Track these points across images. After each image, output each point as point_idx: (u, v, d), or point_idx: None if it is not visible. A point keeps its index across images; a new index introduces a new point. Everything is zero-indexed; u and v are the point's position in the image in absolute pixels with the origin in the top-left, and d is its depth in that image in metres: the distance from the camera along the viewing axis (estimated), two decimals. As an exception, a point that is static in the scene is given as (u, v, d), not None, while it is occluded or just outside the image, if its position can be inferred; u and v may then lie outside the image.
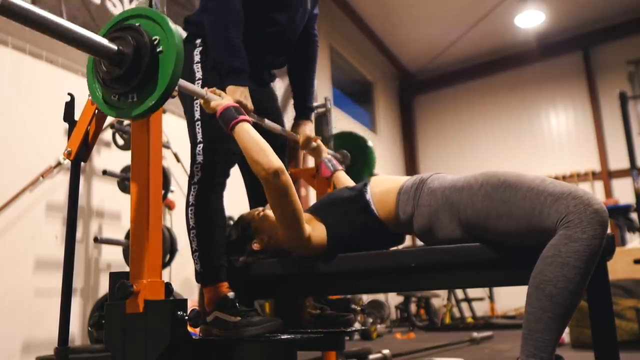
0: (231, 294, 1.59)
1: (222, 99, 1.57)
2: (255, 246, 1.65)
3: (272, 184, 1.45)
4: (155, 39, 1.20)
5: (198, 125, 1.72)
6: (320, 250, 1.56)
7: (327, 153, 2.23)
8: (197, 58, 1.79)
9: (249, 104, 1.72)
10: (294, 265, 1.61)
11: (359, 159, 2.82)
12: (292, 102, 2.25)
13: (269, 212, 1.66)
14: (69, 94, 1.67)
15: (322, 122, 2.84)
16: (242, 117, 1.53)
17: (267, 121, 1.92)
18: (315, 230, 1.57)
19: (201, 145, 1.70)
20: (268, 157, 1.46)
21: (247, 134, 1.50)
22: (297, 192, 1.49)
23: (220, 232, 1.70)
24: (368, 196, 1.60)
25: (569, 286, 1.19)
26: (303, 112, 2.18)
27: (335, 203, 1.65)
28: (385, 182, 1.62)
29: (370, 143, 2.92)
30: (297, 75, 2.22)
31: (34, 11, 1.04)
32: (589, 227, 1.19)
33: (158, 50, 1.20)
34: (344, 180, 2.07)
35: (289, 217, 1.50)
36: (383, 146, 9.12)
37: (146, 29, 1.21)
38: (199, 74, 1.77)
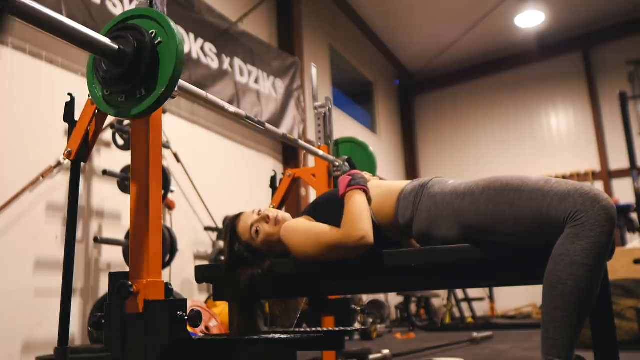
0: None
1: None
2: (269, 264, 1.62)
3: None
4: (156, 39, 1.20)
5: None
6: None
7: None
8: None
9: None
10: (293, 265, 1.61)
11: (360, 164, 2.83)
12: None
13: (268, 229, 1.62)
14: (69, 94, 1.67)
15: (323, 122, 2.84)
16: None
17: (267, 125, 1.93)
18: None
19: None
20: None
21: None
22: (297, 192, 1.50)
23: None
24: None
25: (579, 284, 1.20)
26: None
27: (327, 204, 1.65)
28: (382, 187, 1.61)
29: (371, 149, 2.94)
30: None
31: (37, 8, 1.04)
32: (597, 224, 1.20)
33: (159, 49, 1.20)
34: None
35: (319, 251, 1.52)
36: (383, 146, 9.13)
37: (147, 28, 1.21)
38: None
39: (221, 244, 4.67)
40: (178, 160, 4.35)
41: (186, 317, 1.29)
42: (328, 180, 2.69)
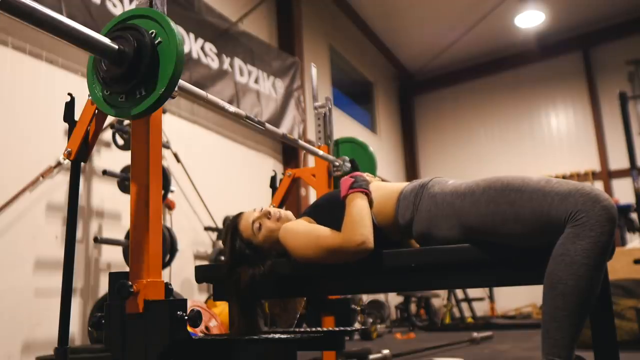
0: None
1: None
2: (270, 264, 1.62)
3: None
4: (156, 39, 1.20)
5: None
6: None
7: None
8: None
9: None
10: (293, 265, 1.61)
11: (360, 164, 2.84)
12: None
13: (270, 224, 1.62)
14: (69, 94, 1.67)
15: (323, 122, 2.84)
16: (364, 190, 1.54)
17: (267, 125, 1.93)
18: None
19: None
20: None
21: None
22: (297, 192, 1.49)
23: None
24: None
25: (580, 283, 1.20)
26: None
27: (328, 206, 1.65)
28: (383, 188, 1.61)
29: (371, 149, 2.94)
30: None
31: (37, 8, 1.04)
32: (597, 224, 1.20)
33: (159, 49, 1.20)
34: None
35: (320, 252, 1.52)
36: (383, 146, 9.12)
37: (147, 28, 1.21)
38: None
39: (221, 244, 4.67)
40: (178, 160, 4.35)
41: (186, 317, 1.29)
42: (328, 180, 2.69)
